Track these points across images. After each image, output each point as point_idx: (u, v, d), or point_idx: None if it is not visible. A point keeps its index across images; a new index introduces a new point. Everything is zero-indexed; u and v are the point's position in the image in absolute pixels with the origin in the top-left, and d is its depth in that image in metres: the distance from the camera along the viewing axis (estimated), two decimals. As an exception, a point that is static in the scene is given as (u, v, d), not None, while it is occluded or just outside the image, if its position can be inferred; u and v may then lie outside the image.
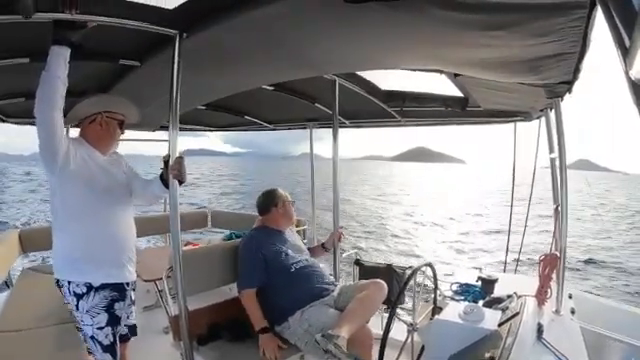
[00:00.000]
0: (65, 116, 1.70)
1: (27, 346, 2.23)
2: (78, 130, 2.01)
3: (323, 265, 2.63)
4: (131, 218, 2.07)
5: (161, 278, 2.40)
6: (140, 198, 2.12)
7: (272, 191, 2.68)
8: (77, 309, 1.85)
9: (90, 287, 1.84)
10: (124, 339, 2.11)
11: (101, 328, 1.85)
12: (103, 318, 1.86)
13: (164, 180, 1.94)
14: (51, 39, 1.53)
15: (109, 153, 2.03)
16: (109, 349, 1.88)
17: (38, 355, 2.14)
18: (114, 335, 1.91)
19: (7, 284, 3.42)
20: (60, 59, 1.55)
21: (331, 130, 2.95)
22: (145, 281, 3.03)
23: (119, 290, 1.92)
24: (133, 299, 2.14)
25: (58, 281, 1.89)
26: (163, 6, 1.49)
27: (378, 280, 2.30)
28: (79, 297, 1.83)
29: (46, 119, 1.60)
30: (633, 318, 2.08)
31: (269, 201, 2.63)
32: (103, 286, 1.86)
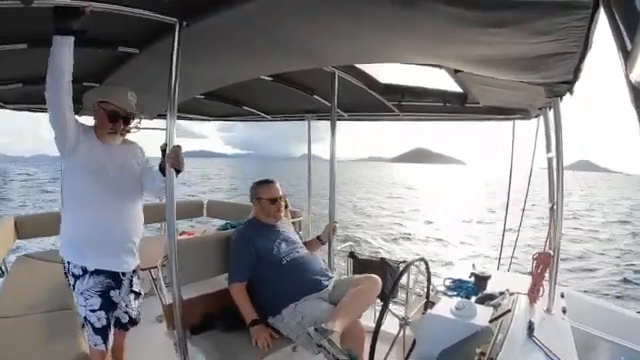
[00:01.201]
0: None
1: (21, 333, 2.23)
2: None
3: (319, 258, 2.63)
4: (137, 210, 2.08)
5: (156, 267, 2.40)
6: (150, 192, 2.12)
7: (253, 185, 2.66)
8: (74, 289, 1.92)
9: (85, 270, 1.90)
10: (124, 327, 2.13)
11: (94, 311, 1.90)
12: (96, 301, 1.90)
13: (163, 170, 1.93)
14: (53, 29, 1.51)
15: (110, 144, 1.99)
16: (100, 332, 1.92)
17: (32, 341, 2.14)
18: (108, 319, 1.94)
19: (2, 270, 3.42)
20: (64, 48, 1.56)
21: (331, 128, 2.95)
22: (140, 269, 3.03)
23: (114, 278, 1.96)
24: (136, 289, 2.16)
25: (63, 259, 1.96)
26: None
27: (373, 275, 2.31)
28: (76, 278, 1.90)
29: (55, 106, 1.68)
30: (624, 319, 2.10)
31: (251, 194, 2.63)
32: (97, 272, 1.91)
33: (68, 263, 1.91)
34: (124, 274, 2.02)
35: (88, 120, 2.02)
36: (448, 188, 53.37)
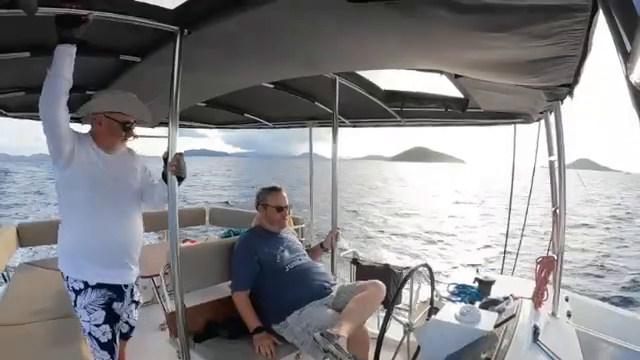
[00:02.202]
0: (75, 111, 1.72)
1: (23, 340, 2.22)
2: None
3: (322, 265, 2.62)
4: (136, 221, 2.02)
5: (158, 274, 2.40)
6: (147, 204, 2.08)
7: (259, 191, 2.64)
8: (75, 305, 1.85)
9: (87, 284, 1.84)
10: (124, 337, 2.11)
11: (98, 325, 1.85)
12: (100, 315, 1.85)
13: (165, 178, 1.89)
14: (57, 38, 1.51)
15: (115, 152, 1.95)
16: (107, 346, 1.87)
17: (34, 349, 2.13)
18: (113, 333, 1.90)
19: (4, 278, 3.42)
20: (66, 58, 1.54)
21: (333, 135, 2.96)
22: (142, 277, 3.03)
23: (116, 291, 1.92)
24: (137, 299, 2.13)
25: (62, 273, 1.90)
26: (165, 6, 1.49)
27: (377, 281, 2.29)
28: (77, 293, 1.84)
29: (49, 117, 1.63)
30: (628, 322, 2.09)
31: (256, 200, 2.62)
32: (99, 285, 1.86)
33: (67, 277, 1.85)
34: (126, 286, 1.98)
35: (82, 128, 1.96)
36: (456, 189, 53.27)
